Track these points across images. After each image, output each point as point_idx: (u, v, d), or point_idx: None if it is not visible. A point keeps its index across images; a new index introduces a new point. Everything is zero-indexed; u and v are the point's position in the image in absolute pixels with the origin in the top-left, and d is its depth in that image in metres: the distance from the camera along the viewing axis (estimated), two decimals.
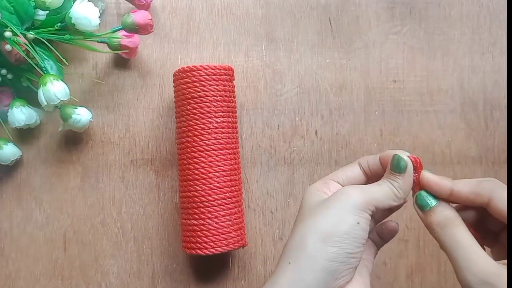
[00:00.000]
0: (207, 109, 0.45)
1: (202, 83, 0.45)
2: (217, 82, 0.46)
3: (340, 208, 0.32)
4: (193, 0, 0.53)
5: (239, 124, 0.51)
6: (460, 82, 0.53)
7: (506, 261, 0.30)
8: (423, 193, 0.33)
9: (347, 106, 0.52)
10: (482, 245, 0.31)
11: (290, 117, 0.52)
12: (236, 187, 0.46)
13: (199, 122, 0.45)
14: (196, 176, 0.45)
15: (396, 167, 0.33)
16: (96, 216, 0.50)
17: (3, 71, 0.47)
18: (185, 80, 0.46)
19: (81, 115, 0.48)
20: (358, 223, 0.31)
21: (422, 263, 0.50)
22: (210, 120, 0.45)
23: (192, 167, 0.45)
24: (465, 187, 0.32)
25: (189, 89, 0.45)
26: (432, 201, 0.33)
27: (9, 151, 0.48)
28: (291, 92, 0.52)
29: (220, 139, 0.45)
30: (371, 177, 0.36)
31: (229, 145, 0.46)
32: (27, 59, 0.45)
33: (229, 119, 0.46)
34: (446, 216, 0.32)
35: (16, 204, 0.50)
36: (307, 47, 0.53)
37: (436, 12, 0.54)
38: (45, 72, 0.46)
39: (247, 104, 0.52)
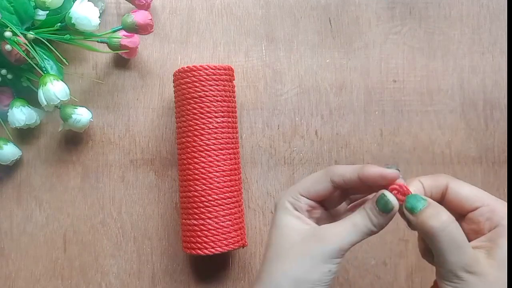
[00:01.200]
0: (207, 109, 0.45)
1: (202, 83, 0.45)
2: (217, 82, 0.46)
3: (314, 257, 0.32)
4: (193, 0, 0.53)
5: (239, 124, 0.51)
6: (460, 82, 0.53)
7: (474, 242, 0.32)
8: (412, 197, 0.32)
9: (347, 106, 0.52)
10: None
11: (290, 117, 0.52)
12: (236, 187, 0.46)
13: (199, 122, 0.45)
14: (196, 176, 0.45)
15: (383, 208, 0.32)
16: (96, 216, 0.50)
17: (3, 71, 0.47)
18: (185, 80, 0.46)
19: (81, 115, 0.48)
20: (330, 270, 0.32)
21: (422, 263, 0.50)
22: (210, 120, 0.45)
23: (192, 167, 0.45)
24: (427, 179, 0.34)
25: (189, 89, 0.45)
26: (421, 203, 0.32)
27: (9, 151, 0.48)
28: (291, 92, 0.52)
29: (220, 139, 0.45)
30: (343, 189, 0.35)
31: (229, 145, 0.46)
32: (27, 59, 0.45)
33: (229, 119, 0.46)
34: (442, 221, 0.31)
35: (16, 204, 0.50)
36: (307, 47, 0.53)
37: (436, 12, 0.54)
38: (45, 72, 0.46)
39: (247, 104, 0.52)
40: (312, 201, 0.35)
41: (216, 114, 0.45)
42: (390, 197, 0.32)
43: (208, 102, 0.45)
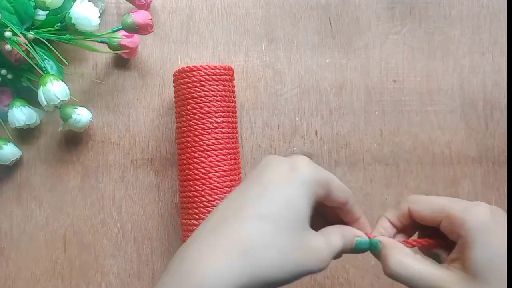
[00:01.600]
0: (207, 109, 0.45)
1: (202, 83, 0.45)
2: (217, 82, 0.46)
3: (291, 274, 0.30)
4: (193, 0, 0.53)
5: (239, 124, 0.51)
6: (460, 82, 0.53)
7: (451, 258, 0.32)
8: (372, 241, 0.34)
9: (347, 106, 0.52)
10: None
11: (290, 117, 0.52)
12: (236, 187, 0.46)
13: (199, 122, 0.45)
14: (196, 176, 0.45)
15: (357, 249, 0.34)
16: (96, 216, 0.50)
17: (3, 71, 0.47)
18: (185, 80, 0.46)
19: (81, 115, 0.48)
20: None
21: None
22: (210, 120, 0.45)
23: (192, 167, 0.45)
24: (390, 213, 0.35)
25: (189, 89, 0.45)
26: (378, 246, 0.33)
27: (9, 151, 0.48)
28: (291, 92, 0.52)
29: (220, 139, 0.45)
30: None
31: (229, 145, 0.46)
32: (27, 59, 0.45)
33: (229, 119, 0.46)
34: (394, 261, 0.32)
35: (16, 204, 0.50)
36: (307, 47, 0.53)
37: (436, 12, 0.54)
38: (45, 72, 0.46)
39: (247, 104, 0.52)
40: (323, 199, 0.33)
41: (216, 114, 0.45)
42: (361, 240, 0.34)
43: (208, 102, 0.45)
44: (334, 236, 0.33)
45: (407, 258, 0.32)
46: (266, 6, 0.53)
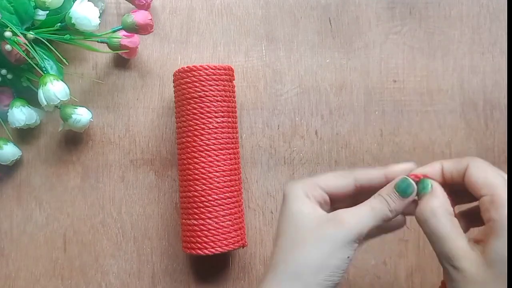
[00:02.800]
0: (207, 109, 0.45)
1: (202, 83, 0.45)
2: (217, 82, 0.46)
3: (333, 242, 0.32)
4: (193, 0, 0.53)
5: (239, 124, 0.51)
6: (460, 82, 0.53)
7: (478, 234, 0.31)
8: (424, 181, 0.34)
9: (347, 106, 0.52)
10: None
11: (290, 117, 0.52)
12: (236, 187, 0.46)
13: (199, 122, 0.45)
14: (196, 176, 0.45)
15: (403, 191, 0.33)
16: (96, 216, 0.50)
17: (3, 71, 0.47)
18: (185, 80, 0.46)
19: (81, 115, 0.48)
20: (348, 256, 0.32)
21: (422, 263, 0.50)
22: (210, 120, 0.45)
23: (192, 167, 0.45)
24: (450, 162, 0.34)
25: (189, 89, 0.45)
26: (427, 187, 0.33)
27: (9, 151, 0.48)
28: (291, 92, 0.52)
29: (220, 139, 0.45)
30: (364, 190, 0.35)
31: (229, 145, 0.46)
32: (27, 59, 0.45)
33: (229, 119, 0.46)
34: (430, 206, 0.32)
35: (16, 204, 0.50)
36: (307, 47, 0.53)
37: (436, 12, 0.54)
38: (45, 72, 0.46)
39: (247, 104, 0.52)
40: (326, 196, 0.35)
41: (216, 114, 0.45)
42: (411, 181, 0.33)
43: (208, 102, 0.45)
44: (367, 200, 0.34)
45: (446, 215, 0.32)
46: (266, 6, 0.53)
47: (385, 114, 0.52)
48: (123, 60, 0.52)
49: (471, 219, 0.35)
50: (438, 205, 0.32)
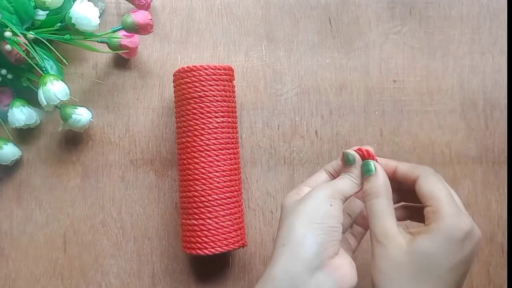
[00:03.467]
0: (207, 109, 0.45)
1: (202, 83, 0.45)
2: (217, 82, 0.46)
3: (315, 199, 0.37)
4: (193, 0, 0.53)
5: (239, 124, 0.51)
6: (460, 82, 0.53)
7: (412, 229, 0.35)
8: (367, 162, 0.39)
9: (347, 106, 0.52)
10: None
11: (290, 117, 0.52)
12: (236, 187, 0.46)
13: (199, 122, 0.45)
14: (196, 176, 0.45)
15: (346, 161, 0.39)
16: (96, 216, 0.50)
17: (3, 71, 0.47)
18: (185, 80, 0.46)
19: (81, 115, 0.48)
20: (331, 205, 0.36)
21: None
22: (210, 120, 0.45)
23: (192, 167, 0.45)
24: (405, 165, 0.39)
25: (189, 89, 0.45)
26: (372, 169, 0.38)
27: (9, 151, 0.48)
28: (291, 92, 0.52)
29: (220, 139, 0.45)
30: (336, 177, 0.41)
31: (229, 145, 0.46)
32: (27, 59, 0.45)
33: (229, 119, 0.46)
34: (373, 186, 0.37)
35: (16, 204, 0.50)
36: (307, 47, 0.53)
37: (436, 12, 0.54)
38: (45, 72, 0.46)
39: (247, 104, 0.52)
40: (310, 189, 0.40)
41: (216, 114, 0.45)
42: (349, 151, 0.39)
43: (208, 102, 0.45)
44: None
45: (385, 196, 0.36)
46: (266, 6, 0.53)
47: (385, 114, 0.52)
48: (123, 60, 0.52)
49: (412, 213, 0.40)
50: (380, 187, 0.37)
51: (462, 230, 0.33)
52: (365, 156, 0.39)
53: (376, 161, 0.39)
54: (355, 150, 0.40)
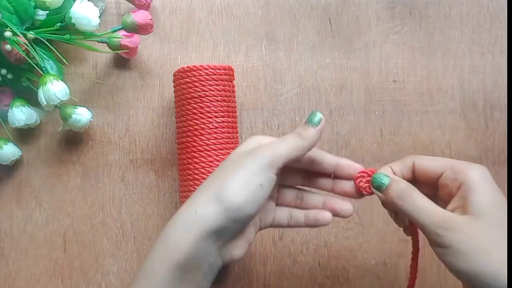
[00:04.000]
0: (207, 109, 0.45)
1: (202, 83, 0.45)
2: (217, 82, 0.46)
3: (249, 169, 0.33)
4: (193, 0, 0.53)
5: (239, 124, 0.51)
6: (460, 82, 0.53)
7: (449, 206, 0.35)
8: (376, 175, 0.37)
9: (347, 106, 0.52)
10: None
11: (290, 117, 0.52)
12: None
13: (199, 122, 0.45)
14: (196, 176, 0.44)
15: (311, 120, 0.36)
16: (96, 216, 0.50)
17: (3, 71, 0.47)
18: (185, 80, 0.46)
19: (81, 115, 0.48)
20: (261, 185, 0.33)
21: (422, 263, 0.50)
22: (210, 120, 0.45)
23: (192, 167, 0.45)
24: (397, 164, 0.38)
25: (189, 89, 0.45)
26: (385, 180, 0.36)
27: (9, 151, 0.48)
28: (291, 92, 0.52)
29: (220, 139, 0.45)
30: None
31: (229, 145, 0.46)
32: (27, 59, 0.45)
33: (229, 119, 0.46)
34: (401, 188, 0.35)
35: (16, 204, 0.50)
36: (307, 47, 0.53)
37: (436, 12, 0.54)
38: (45, 72, 0.46)
39: (247, 104, 0.52)
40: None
41: (216, 114, 0.45)
42: (318, 112, 0.36)
43: (208, 102, 0.45)
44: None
45: (416, 192, 0.35)
46: (266, 6, 0.53)
47: (385, 114, 0.52)
48: (123, 60, 0.52)
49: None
50: (407, 185, 0.36)
51: (484, 167, 0.35)
52: (370, 175, 0.38)
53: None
54: (360, 172, 0.38)
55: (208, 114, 0.45)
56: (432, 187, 0.36)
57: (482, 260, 0.31)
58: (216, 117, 0.45)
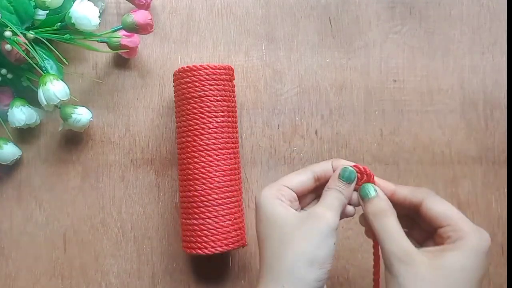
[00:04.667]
0: (207, 109, 0.45)
1: (202, 83, 0.45)
2: (217, 82, 0.46)
3: (320, 233, 0.35)
4: (193, 0, 0.53)
5: (239, 124, 0.51)
6: (460, 82, 0.53)
7: (427, 248, 0.35)
8: (366, 185, 0.38)
9: (347, 106, 0.52)
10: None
11: (290, 117, 0.52)
12: (236, 187, 0.46)
13: (199, 122, 0.45)
14: (196, 176, 0.45)
15: (348, 178, 0.38)
16: (96, 216, 0.50)
17: (3, 71, 0.47)
18: (185, 80, 0.46)
19: (81, 114, 0.48)
20: (334, 243, 0.35)
21: None
22: (210, 120, 0.45)
23: (192, 167, 0.45)
24: (405, 188, 0.38)
25: (189, 89, 0.45)
26: (372, 193, 0.37)
27: (9, 151, 0.48)
28: (291, 91, 0.52)
29: (220, 138, 0.45)
30: (321, 182, 0.39)
31: (229, 145, 0.46)
32: (27, 58, 0.45)
33: (229, 119, 0.46)
34: (380, 207, 0.36)
35: (16, 204, 0.50)
36: (307, 47, 0.53)
37: (436, 12, 0.54)
38: (45, 71, 0.46)
39: (247, 104, 0.52)
40: (294, 194, 0.38)
41: (216, 114, 0.45)
42: (351, 168, 0.38)
43: (208, 102, 0.45)
44: (324, 193, 0.38)
45: (394, 216, 0.36)
46: (266, 6, 0.53)
47: (385, 114, 0.52)
48: (123, 60, 0.52)
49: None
50: (387, 207, 0.36)
51: (488, 242, 0.34)
52: (362, 174, 0.38)
53: (375, 183, 0.38)
54: (352, 166, 0.38)
55: (208, 114, 0.45)
56: (429, 229, 0.37)
57: None
58: (216, 117, 0.45)
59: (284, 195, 0.38)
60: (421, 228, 0.38)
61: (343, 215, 0.38)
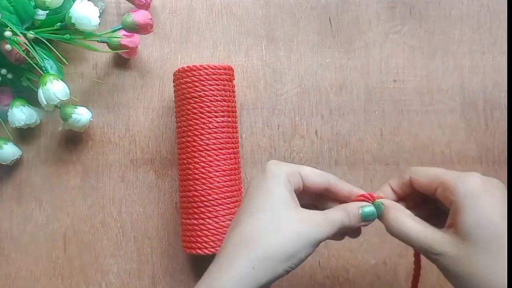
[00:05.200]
0: (207, 109, 0.45)
1: (202, 82, 0.45)
2: (217, 82, 0.46)
3: (308, 240, 0.35)
4: (193, 0, 0.53)
5: (239, 124, 0.51)
6: (460, 82, 0.53)
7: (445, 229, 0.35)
8: (363, 213, 0.38)
9: (347, 106, 0.52)
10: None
11: (290, 117, 0.52)
12: (236, 186, 0.46)
13: (199, 122, 0.45)
14: (196, 176, 0.45)
15: (366, 217, 0.38)
16: (96, 216, 0.50)
17: (3, 71, 0.47)
18: (185, 80, 0.46)
19: (81, 114, 0.48)
20: (311, 254, 0.36)
21: (422, 263, 0.50)
22: (210, 120, 0.45)
23: (192, 167, 0.45)
24: (395, 180, 0.39)
25: (189, 89, 0.45)
26: (372, 215, 0.38)
27: (9, 151, 0.48)
28: (291, 91, 0.52)
29: (220, 138, 0.45)
30: (328, 193, 0.40)
31: (229, 145, 0.46)
32: (27, 58, 0.45)
33: (229, 119, 0.46)
34: (390, 218, 0.36)
35: (16, 204, 0.50)
36: (307, 47, 0.53)
37: (436, 12, 0.54)
38: (45, 71, 0.46)
39: (247, 104, 0.52)
40: (302, 185, 0.38)
41: (216, 114, 0.45)
42: (375, 211, 0.38)
43: (208, 102, 0.45)
44: (333, 210, 0.38)
45: (406, 218, 0.36)
46: (266, 6, 0.53)
47: (385, 114, 0.52)
48: (123, 59, 0.52)
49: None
50: (396, 214, 0.36)
51: (476, 177, 0.34)
52: (369, 200, 0.39)
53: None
54: (360, 196, 0.39)
55: (208, 114, 0.45)
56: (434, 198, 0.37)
57: (474, 284, 0.32)
58: (216, 117, 0.45)
59: (294, 181, 0.38)
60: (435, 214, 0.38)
61: (341, 235, 0.39)
